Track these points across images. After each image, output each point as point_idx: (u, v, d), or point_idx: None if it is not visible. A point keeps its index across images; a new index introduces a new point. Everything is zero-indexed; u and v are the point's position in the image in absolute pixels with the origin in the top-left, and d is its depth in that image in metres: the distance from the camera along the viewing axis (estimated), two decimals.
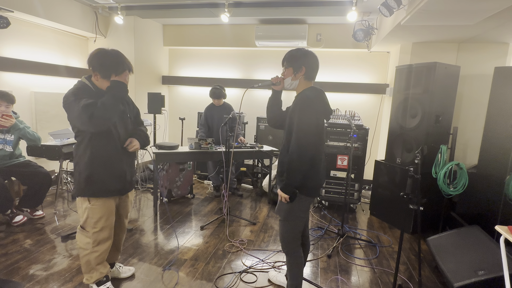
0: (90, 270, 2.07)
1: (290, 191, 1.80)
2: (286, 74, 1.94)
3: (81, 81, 1.95)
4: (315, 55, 1.92)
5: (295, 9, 4.15)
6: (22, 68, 3.91)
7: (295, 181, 1.79)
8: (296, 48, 1.95)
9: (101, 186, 1.97)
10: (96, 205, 1.97)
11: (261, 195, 4.47)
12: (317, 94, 1.87)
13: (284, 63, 1.96)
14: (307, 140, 1.76)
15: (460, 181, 2.90)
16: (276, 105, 2.08)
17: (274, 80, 1.99)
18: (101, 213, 1.99)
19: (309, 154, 1.76)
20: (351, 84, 4.91)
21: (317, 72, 1.94)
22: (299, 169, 1.77)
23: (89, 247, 2.01)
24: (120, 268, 2.38)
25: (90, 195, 1.96)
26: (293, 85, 1.94)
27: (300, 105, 1.81)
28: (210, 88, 4.15)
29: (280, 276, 2.39)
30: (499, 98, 2.80)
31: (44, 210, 3.50)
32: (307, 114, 1.77)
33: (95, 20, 4.71)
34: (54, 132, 3.45)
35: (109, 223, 2.05)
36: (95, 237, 2.00)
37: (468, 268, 2.12)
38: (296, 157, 1.76)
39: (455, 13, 2.64)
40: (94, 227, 1.99)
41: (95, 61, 1.89)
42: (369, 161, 4.34)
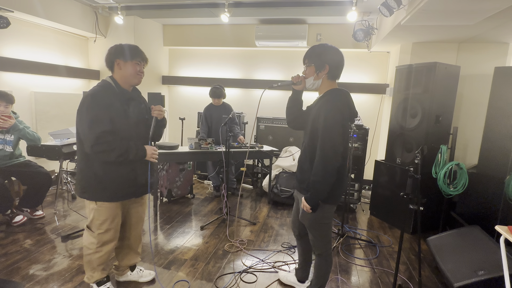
0: (91, 270, 2.07)
1: (315, 203, 1.74)
2: (308, 73, 1.79)
3: (104, 80, 1.92)
4: (339, 52, 1.77)
5: (295, 9, 4.16)
6: (22, 68, 3.91)
7: (322, 194, 1.73)
8: (319, 44, 1.78)
9: (112, 191, 1.93)
10: (102, 207, 1.95)
11: (261, 195, 4.47)
12: (343, 98, 1.74)
13: (306, 61, 1.80)
14: (334, 150, 1.66)
15: (460, 181, 2.89)
16: (296, 105, 1.94)
17: (294, 79, 1.84)
18: (106, 215, 1.96)
19: (335, 165, 1.68)
20: (351, 84, 4.91)
21: (341, 71, 1.80)
22: (326, 182, 1.69)
23: (93, 247, 2.00)
24: (141, 271, 2.35)
25: (97, 199, 1.93)
26: (316, 85, 1.80)
27: (325, 111, 1.68)
28: (211, 88, 4.15)
29: (290, 276, 2.38)
30: (499, 98, 2.80)
31: (44, 210, 3.50)
32: (334, 123, 1.66)
33: (95, 20, 4.71)
34: (54, 132, 3.46)
35: (114, 226, 2.02)
36: (99, 238, 1.99)
37: (468, 268, 2.12)
38: (321, 170, 1.67)
39: (455, 13, 2.64)
40: (99, 228, 1.98)
41: (113, 51, 1.89)
42: (369, 161, 4.34)
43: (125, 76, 1.91)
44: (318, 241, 1.94)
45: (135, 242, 2.27)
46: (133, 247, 2.26)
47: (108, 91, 1.86)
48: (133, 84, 1.98)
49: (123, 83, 1.93)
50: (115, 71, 1.92)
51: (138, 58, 1.93)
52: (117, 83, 1.92)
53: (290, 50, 5.17)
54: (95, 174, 1.89)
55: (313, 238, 1.94)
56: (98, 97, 1.81)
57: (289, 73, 5.23)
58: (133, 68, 1.91)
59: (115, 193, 1.95)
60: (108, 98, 1.83)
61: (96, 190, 1.92)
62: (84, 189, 1.94)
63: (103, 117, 1.79)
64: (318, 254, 1.98)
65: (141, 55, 1.94)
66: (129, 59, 1.89)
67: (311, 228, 1.91)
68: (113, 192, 1.94)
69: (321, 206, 1.78)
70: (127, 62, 1.89)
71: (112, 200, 1.95)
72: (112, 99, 1.85)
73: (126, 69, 1.90)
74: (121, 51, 1.89)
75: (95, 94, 1.82)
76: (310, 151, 1.80)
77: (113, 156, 1.81)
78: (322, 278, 2.02)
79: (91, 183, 1.91)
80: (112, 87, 1.89)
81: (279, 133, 4.87)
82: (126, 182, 1.97)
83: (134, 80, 1.95)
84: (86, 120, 1.77)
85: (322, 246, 1.95)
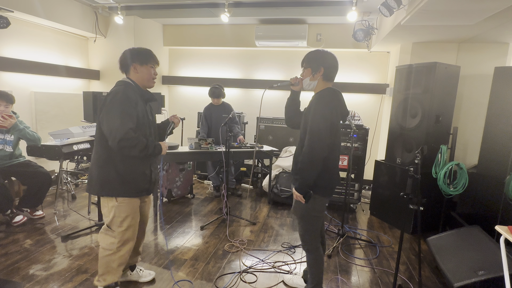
0: (107, 272, 2.02)
1: (304, 190, 1.84)
2: (305, 74, 1.97)
3: (124, 81, 1.96)
4: (334, 56, 1.95)
5: (295, 9, 4.15)
6: (22, 68, 3.91)
7: (308, 181, 1.83)
8: (316, 49, 1.98)
9: (133, 186, 1.97)
10: (123, 203, 1.96)
11: (261, 195, 4.47)
12: (333, 94, 1.90)
13: (303, 64, 1.99)
14: (320, 140, 1.78)
15: (460, 181, 2.89)
16: (294, 105, 2.11)
17: (292, 80, 2.02)
18: (127, 211, 1.98)
19: (321, 154, 1.79)
20: (351, 84, 4.91)
21: (336, 73, 1.97)
22: (311, 169, 1.80)
23: (113, 248, 1.98)
24: (141, 272, 2.35)
25: (119, 195, 1.94)
26: (312, 85, 1.96)
27: (315, 105, 1.85)
28: (210, 88, 4.15)
29: (296, 278, 2.39)
30: (499, 98, 2.80)
31: (44, 210, 3.50)
32: (322, 114, 1.79)
33: (95, 20, 4.71)
34: (54, 132, 3.45)
35: (135, 222, 2.04)
36: (120, 236, 1.98)
37: (468, 268, 2.12)
38: (308, 158, 1.79)
39: (455, 13, 2.64)
40: (120, 225, 1.97)
41: (130, 55, 1.96)
42: (369, 161, 4.34)
43: (142, 79, 1.99)
44: (306, 235, 2.02)
45: (140, 241, 2.27)
46: (136, 246, 2.25)
47: (134, 90, 1.93)
48: (147, 87, 2.06)
49: (140, 85, 2.01)
50: (131, 74, 1.99)
51: (153, 62, 2.01)
52: (137, 84, 1.99)
53: (290, 50, 5.16)
54: (116, 170, 1.92)
55: (302, 232, 2.04)
56: (129, 94, 1.88)
57: (289, 73, 5.23)
58: (148, 71, 1.99)
59: (136, 188, 1.99)
60: (135, 96, 1.90)
61: (116, 186, 1.93)
62: (103, 185, 1.94)
63: (132, 114, 1.85)
64: (307, 250, 2.05)
65: (155, 59, 2.03)
66: (145, 63, 1.97)
67: (302, 220, 2.01)
68: (134, 187, 1.98)
69: (313, 196, 1.86)
70: (143, 66, 1.97)
71: (133, 195, 1.98)
72: (138, 97, 1.93)
73: (143, 73, 1.98)
74: (138, 55, 1.97)
75: (125, 91, 1.87)
76: (303, 145, 1.90)
77: (135, 151, 1.85)
78: (316, 275, 2.06)
79: (111, 179, 1.92)
80: (133, 86, 1.96)
81: (279, 133, 4.87)
82: (144, 178, 2.02)
83: (149, 83, 2.04)
84: (117, 115, 1.81)
85: (309, 241, 2.01)
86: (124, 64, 1.99)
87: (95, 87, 5.13)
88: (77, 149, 3.45)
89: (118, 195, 1.94)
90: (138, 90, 1.97)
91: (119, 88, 1.89)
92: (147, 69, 1.98)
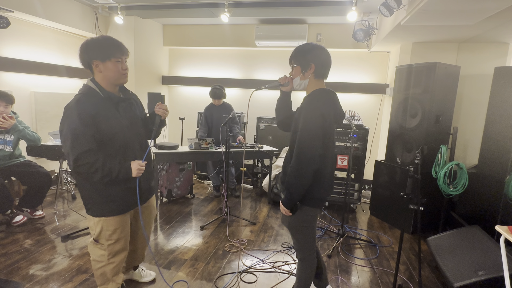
0: (105, 282, 1.94)
1: (290, 206, 1.69)
2: (294, 73, 1.76)
3: (87, 85, 1.71)
4: (325, 50, 1.71)
5: (295, 9, 4.15)
6: (22, 68, 3.91)
7: (295, 197, 1.66)
8: (303, 43, 1.75)
9: (118, 204, 1.81)
10: (110, 218, 1.81)
11: (261, 195, 4.47)
12: (325, 96, 1.69)
13: (292, 61, 1.77)
14: (311, 153, 1.58)
15: (460, 181, 2.89)
16: (284, 107, 1.89)
17: (281, 80, 1.80)
18: (116, 225, 1.83)
19: (311, 168, 1.59)
20: (351, 84, 4.91)
21: (329, 69, 1.74)
22: (299, 185, 1.62)
23: (104, 259, 1.87)
24: (143, 271, 2.34)
25: (105, 214, 1.79)
26: (303, 85, 1.75)
27: (305, 111, 1.63)
28: (210, 88, 4.15)
29: None
30: (499, 98, 2.80)
31: (44, 210, 3.50)
32: (313, 122, 1.59)
33: (95, 20, 4.71)
34: (54, 132, 3.45)
35: (125, 234, 1.90)
36: (110, 249, 1.85)
37: (468, 268, 2.12)
38: (296, 172, 1.60)
39: (455, 13, 2.64)
40: (109, 239, 1.83)
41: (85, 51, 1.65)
42: (369, 161, 4.34)
43: (108, 78, 1.69)
44: (299, 245, 1.87)
45: (142, 246, 2.24)
46: (138, 250, 2.24)
47: (92, 99, 1.66)
48: (118, 85, 1.79)
49: (107, 85, 1.72)
50: (95, 74, 1.70)
51: (118, 54, 1.67)
52: (101, 87, 1.69)
53: (290, 50, 5.04)
54: (96, 189, 1.75)
55: (295, 241, 1.89)
56: (81, 109, 1.60)
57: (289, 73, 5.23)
58: (114, 68, 1.67)
59: (121, 204, 1.83)
60: (92, 107, 1.63)
61: (101, 205, 1.78)
62: (88, 205, 1.80)
63: (84, 134, 1.60)
64: (300, 258, 1.90)
65: (120, 49, 1.68)
66: (107, 58, 1.65)
67: (291, 231, 1.86)
68: (119, 203, 1.82)
69: (301, 208, 1.71)
70: (105, 62, 1.65)
71: (120, 213, 1.83)
72: (98, 106, 1.65)
73: (107, 71, 1.67)
74: (97, 50, 1.64)
75: (76, 106, 1.61)
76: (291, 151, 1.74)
77: (96, 177, 1.65)
78: (302, 284, 1.93)
79: (95, 199, 1.77)
80: (96, 93, 1.69)
81: (279, 133, 4.87)
82: (129, 191, 1.82)
83: (119, 81, 1.74)
84: (67, 138, 1.60)
85: (303, 250, 1.87)
86: (84, 62, 1.68)
87: None
88: None
89: (104, 215, 1.79)
90: (103, 94, 1.69)
91: (73, 101, 1.63)
92: (112, 65, 1.66)
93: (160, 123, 2.00)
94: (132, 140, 1.83)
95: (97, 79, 1.72)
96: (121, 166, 1.71)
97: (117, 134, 1.72)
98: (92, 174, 1.64)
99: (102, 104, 1.68)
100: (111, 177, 1.68)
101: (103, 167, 1.65)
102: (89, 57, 1.66)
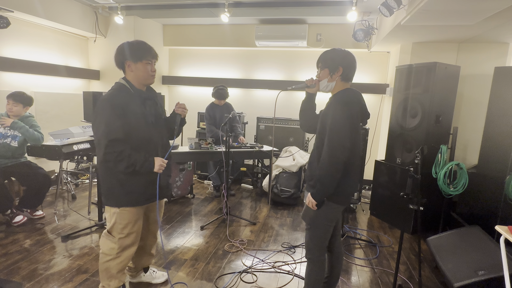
0: (108, 277, 1.97)
1: (320, 199, 1.73)
2: (322, 75, 1.82)
3: (119, 83, 1.88)
4: (352, 54, 1.82)
5: (295, 9, 4.15)
6: (22, 68, 3.91)
7: (328, 188, 1.70)
8: (332, 48, 1.84)
9: (137, 196, 1.89)
10: (125, 211, 1.89)
11: (261, 195, 4.47)
12: (352, 96, 1.77)
13: (319, 64, 1.84)
14: (341, 144, 1.64)
15: (460, 181, 2.89)
16: (310, 109, 1.96)
17: (308, 82, 1.86)
18: (128, 219, 1.90)
19: (341, 160, 1.65)
20: (351, 84, 4.90)
21: (354, 72, 1.84)
22: (332, 176, 1.67)
23: (113, 253, 1.93)
24: (154, 273, 2.33)
25: (122, 205, 1.88)
26: (329, 87, 1.82)
27: (334, 108, 1.71)
28: (215, 89, 4.12)
29: None
30: (499, 98, 2.80)
31: (44, 210, 3.50)
32: (341, 117, 1.66)
33: (95, 20, 4.71)
34: (54, 132, 3.45)
35: (136, 229, 1.97)
36: (120, 243, 1.92)
37: (468, 268, 2.12)
38: (329, 163, 1.66)
39: (455, 13, 2.64)
40: (121, 232, 1.91)
41: (121, 52, 1.84)
42: (369, 161, 4.34)
43: (138, 78, 1.87)
44: (312, 243, 1.86)
45: (150, 244, 2.25)
46: (147, 249, 2.24)
47: (123, 94, 1.83)
48: (146, 84, 1.95)
49: (137, 84, 1.89)
50: (127, 73, 1.88)
51: (148, 57, 1.86)
52: (132, 84, 1.88)
53: (290, 50, 5.16)
54: (117, 179, 1.84)
55: (308, 239, 1.89)
56: (114, 101, 1.77)
57: (289, 73, 5.24)
58: (144, 68, 1.85)
59: (139, 196, 1.90)
60: (123, 101, 1.79)
61: (119, 196, 1.86)
62: (107, 196, 1.89)
63: (116, 124, 1.73)
64: (309, 259, 1.89)
65: (151, 53, 1.88)
66: (139, 59, 1.83)
67: (311, 226, 1.86)
68: (138, 196, 1.89)
69: (327, 204, 1.75)
70: (137, 63, 1.83)
71: (136, 205, 1.91)
72: (128, 101, 1.81)
73: (138, 71, 1.85)
74: (131, 52, 1.83)
75: (110, 99, 1.78)
76: (318, 149, 1.79)
77: (121, 167, 1.77)
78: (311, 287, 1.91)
79: (114, 190, 1.86)
80: (127, 89, 1.86)
81: (279, 133, 4.87)
82: (149, 185, 1.91)
83: (147, 81, 1.91)
84: (100, 127, 1.74)
85: (315, 250, 1.86)
86: (118, 62, 1.87)
87: (95, 87, 5.13)
88: (77, 149, 3.44)
89: (121, 205, 1.88)
90: (133, 90, 1.86)
91: (107, 94, 1.81)
92: (143, 66, 1.84)
93: (181, 121, 2.11)
94: (156, 136, 1.94)
95: (128, 77, 1.89)
96: (145, 160, 1.82)
97: (142, 128, 1.85)
98: (118, 162, 1.75)
99: (131, 99, 1.84)
100: (135, 168, 1.79)
101: (129, 157, 1.76)
102: (123, 57, 1.84)
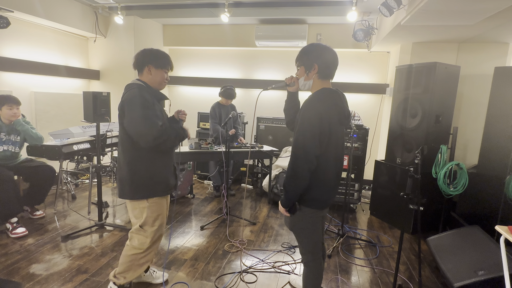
0: (130, 269, 2.04)
1: (287, 205, 1.67)
2: (299, 73, 1.75)
3: (138, 83, 1.95)
4: (330, 50, 1.68)
5: (295, 9, 4.15)
6: (22, 68, 3.91)
7: (292, 197, 1.64)
8: (310, 44, 1.75)
9: (164, 185, 2.01)
10: (154, 203, 1.99)
11: (261, 195, 4.47)
12: (325, 96, 1.64)
13: (297, 62, 1.76)
14: (306, 152, 1.55)
15: (460, 181, 2.89)
16: (292, 107, 1.89)
17: (287, 80, 1.80)
18: (158, 210, 2.01)
19: (306, 168, 1.56)
20: (351, 84, 4.91)
21: (334, 70, 1.71)
22: (295, 185, 1.61)
23: (144, 247, 2.01)
24: (154, 273, 2.34)
25: (153, 195, 1.97)
26: (307, 85, 1.73)
27: (303, 111, 1.61)
28: (224, 88, 4.10)
29: (300, 280, 2.35)
30: (499, 98, 2.80)
31: (44, 210, 3.50)
32: (309, 122, 1.55)
33: (95, 20, 4.71)
34: (54, 132, 3.46)
35: (164, 220, 2.09)
36: (152, 235, 2.01)
37: (468, 268, 2.12)
38: (291, 172, 1.59)
39: (455, 13, 2.64)
40: (152, 225, 2.01)
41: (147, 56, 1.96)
42: (369, 161, 4.34)
43: (154, 81, 2.00)
44: (301, 247, 1.84)
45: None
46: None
47: (147, 91, 1.93)
48: (159, 89, 2.08)
49: (151, 86, 2.02)
50: (144, 75, 1.99)
51: (168, 66, 2.03)
52: (148, 85, 1.99)
53: (290, 50, 5.16)
54: (147, 170, 1.94)
55: (299, 244, 1.86)
56: (145, 95, 1.89)
57: (289, 73, 5.20)
58: (161, 75, 2.00)
59: (166, 186, 2.03)
60: (150, 97, 1.91)
61: (149, 187, 1.95)
62: (137, 189, 1.95)
63: (155, 112, 1.88)
64: (304, 263, 1.85)
65: (170, 64, 2.05)
66: (160, 67, 1.98)
67: (293, 232, 1.83)
68: (165, 185, 2.02)
69: (300, 209, 1.68)
70: (158, 69, 1.98)
71: (165, 194, 2.03)
72: (152, 98, 1.94)
73: (156, 75, 1.99)
74: (155, 58, 1.97)
75: (142, 94, 1.88)
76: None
77: (170, 142, 1.92)
78: None
79: (144, 181, 1.94)
80: (147, 88, 1.96)
81: (279, 133, 4.87)
82: (172, 174, 2.09)
83: (160, 86, 2.05)
84: (143, 117, 1.83)
85: (306, 254, 1.83)
86: (139, 63, 1.98)
87: (95, 87, 5.13)
88: (77, 149, 3.45)
89: (150, 196, 1.96)
90: (150, 91, 1.98)
91: (134, 91, 1.89)
92: (161, 73, 2.00)
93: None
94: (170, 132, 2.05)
95: (143, 79, 2.00)
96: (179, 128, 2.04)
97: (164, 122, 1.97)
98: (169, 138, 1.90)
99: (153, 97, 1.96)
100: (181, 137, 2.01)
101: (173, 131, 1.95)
102: (147, 61, 1.97)
